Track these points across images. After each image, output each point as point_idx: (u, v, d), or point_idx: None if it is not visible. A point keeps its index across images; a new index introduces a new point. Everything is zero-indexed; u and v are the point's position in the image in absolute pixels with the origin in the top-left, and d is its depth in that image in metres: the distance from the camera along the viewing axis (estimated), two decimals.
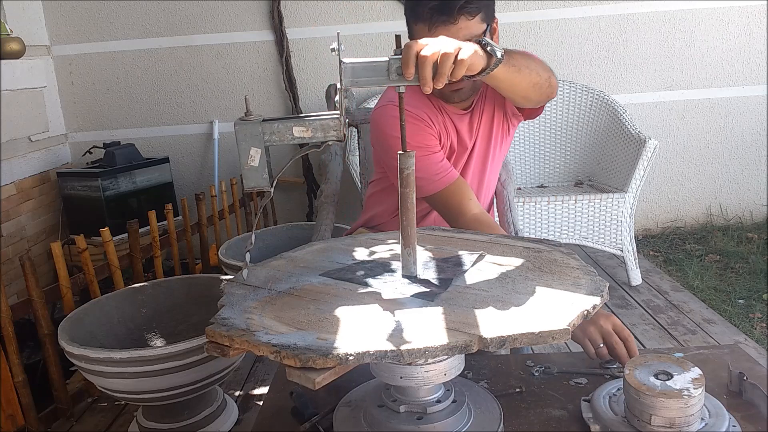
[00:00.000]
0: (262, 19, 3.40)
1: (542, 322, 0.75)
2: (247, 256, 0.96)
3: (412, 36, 1.35)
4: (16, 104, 2.99)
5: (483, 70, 1.00)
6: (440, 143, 1.42)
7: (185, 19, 3.41)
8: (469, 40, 1.25)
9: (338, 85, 0.86)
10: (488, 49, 0.99)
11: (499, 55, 1.00)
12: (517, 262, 0.99)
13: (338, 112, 0.87)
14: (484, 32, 1.27)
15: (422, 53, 0.86)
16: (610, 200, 2.77)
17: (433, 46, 0.87)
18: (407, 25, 1.35)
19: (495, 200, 1.79)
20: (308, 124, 0.87)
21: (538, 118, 3.28)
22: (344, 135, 0.88)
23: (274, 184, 0.90)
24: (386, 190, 1.56)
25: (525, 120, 1.51)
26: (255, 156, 0.88)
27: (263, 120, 0.87)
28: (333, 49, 0.84)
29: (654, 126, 3.53)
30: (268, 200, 0.95)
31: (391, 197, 1.54)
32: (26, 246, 3.02)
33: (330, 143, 0.89)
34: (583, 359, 1.12)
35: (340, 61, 0.85)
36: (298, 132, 0.87)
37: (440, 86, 0.88)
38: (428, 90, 0.88)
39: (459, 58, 0.87)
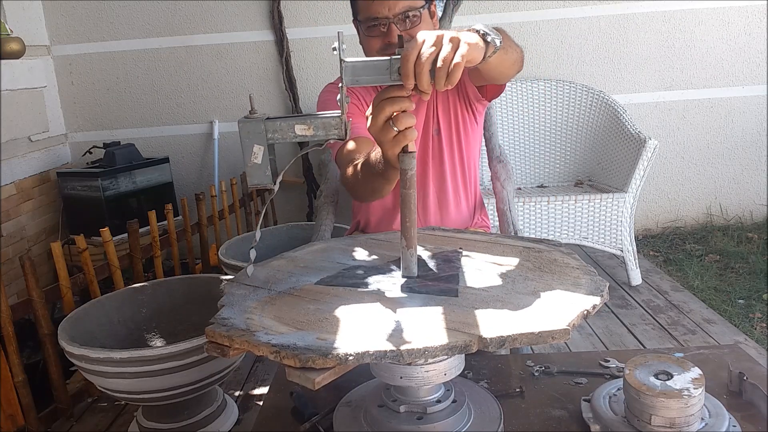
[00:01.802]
0: (262, 19, 3.40)
1: (542, 322, 0.75)
2: (252, 253, 0.96)
3: (357, 11, 1.39)
4: (16, 104, 2.99)
5: (481, 61, 0.97)
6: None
7: (185, 19, 3.41)
8: (412, 13, 1.32)
9: (339, 84, 0.87)
10: (489, 39, 0.95)
11: (498, 43, 0.96)
12: (517, 262, 0.99)
13: (339, 111, 0.87)
14: (422, 7, 1.33)
15: (419, 61, 0.84)
16: (610, 200, 2.77)
17: (426, 50, 0.84)
18: (351, 3, 1.40)
19: (495, 200, 1.79)
20: (310, 123, 0.87)
21: (538, 117, 3.33)
22: (346, 133, 0.88)
23: (278, 182, 0.91)
24: None
25: (489, 101, 1.50)
26: (258, 153, 0.88)
27: (267, 118, 0.88)
28: (334, 48, 0.84)
29: (654, 126, 3.53)
30: (272, 197, 0.95)
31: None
32: (26, 246, 3.02)
33: (331, 142, 0.89)
34: (583, 359, 1.12)
35: (341, 60, 0.85)
36: (300, 130, 0.88)
37: (440, 90, 0.86)
38: (427, 97, 0.87)
39: (455, 62, 0.84)
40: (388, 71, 0.87)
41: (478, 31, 0.95)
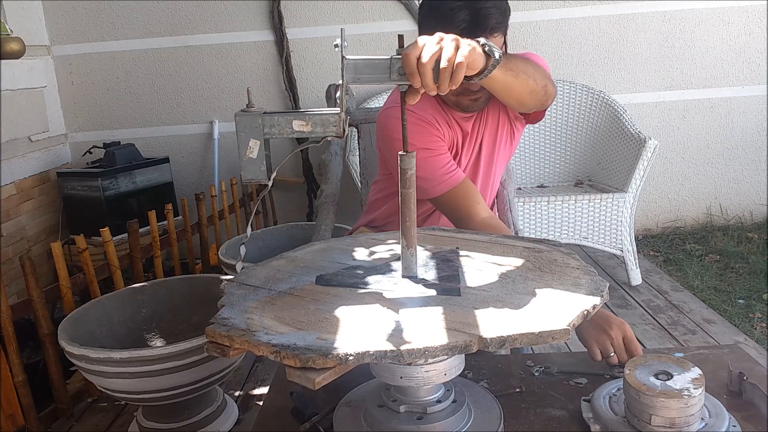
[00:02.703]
0: (262, 19, 3.40)
1: (542, 322, 0.75)
2: (242, 249, 0.96)
3: None
4: (16, 104, 2.99)
5: (482, 72, 0.98)
6: (447, 144, 1.43)
7: (185, 19, 3.41)
8: None
9: (339, 81, 0.87)
10: (486, 49, 0.96)
11: (497, 55, 0.98)
12: (517, 262, 0.99)
13: (338, 108, 0.87)
14: (503, 44, 1.32)
15: (421, 61, 0.85)
16: (610, 200, 2.77)
17: (429, 50, 0.85)
18: (423, 26, 1.30)
19: (495, 200, 1.80)
20: (308, 119, 0.87)
21: None
22: (344, 131, 0.88)
23: (273, 178, 0.90)
24: (391, 194, 1.57)
25: (528, 124, 1.52)
26: (254, 147, 0.88)
27: (264, 112, 0.88)
28: (336, 45, 0.84)
29: (654, 126, 3.53)
30: (266, 192, 0.96)
31: (394, 200, 1.55)
32: (26, 246, 3.02)
33: (329, 139, 0.89)
34: (583, 359, 1.12)
35: (343, 57, 0.85)
36: (298, 126, 0.87)
37: (444, 92, 0.88)
38: (433, 93, 0.88)
39: (457, 61, 0.86)
40: (388, 70, 0.87)
41: (477, 41, 0.96)
